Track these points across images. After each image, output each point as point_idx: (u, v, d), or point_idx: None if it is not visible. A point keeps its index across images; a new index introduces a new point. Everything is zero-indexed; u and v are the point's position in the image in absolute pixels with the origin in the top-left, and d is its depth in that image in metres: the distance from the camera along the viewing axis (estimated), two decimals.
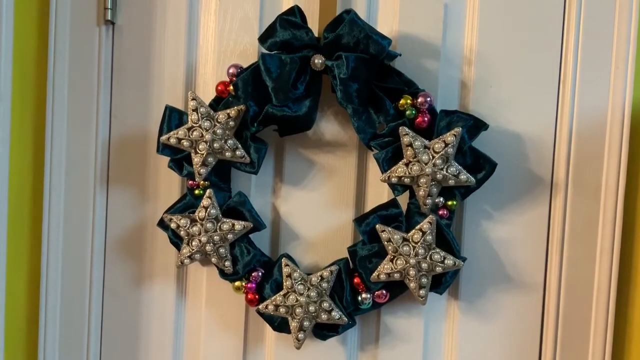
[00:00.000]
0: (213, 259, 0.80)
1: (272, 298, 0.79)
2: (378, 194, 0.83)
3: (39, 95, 0.87)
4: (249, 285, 0.81)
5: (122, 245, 0.89)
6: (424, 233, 0.76)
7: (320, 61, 0.76)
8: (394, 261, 0.77)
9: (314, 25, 0.81)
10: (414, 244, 0.76)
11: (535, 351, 0.83)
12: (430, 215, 0.76)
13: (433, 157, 0.75)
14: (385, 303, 0.80)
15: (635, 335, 0.81)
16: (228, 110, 0.78)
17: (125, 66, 0.87)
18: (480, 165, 0.77)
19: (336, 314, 0.78)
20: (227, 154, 0.78)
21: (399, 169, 0.76)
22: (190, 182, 0.81)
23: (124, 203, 0.88)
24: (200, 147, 0.77)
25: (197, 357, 0.89)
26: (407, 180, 0.76)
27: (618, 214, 0.80)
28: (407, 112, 0.77)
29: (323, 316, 0.78)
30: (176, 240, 0.82)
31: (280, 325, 0.81)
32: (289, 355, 0.86)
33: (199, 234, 0.79)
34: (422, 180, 0.75)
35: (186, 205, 0.82)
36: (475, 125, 0.77)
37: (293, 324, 0.79)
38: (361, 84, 0.76)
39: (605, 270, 0.80)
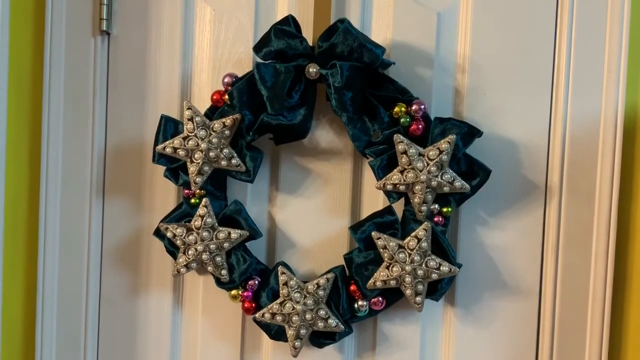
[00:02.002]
0: (209, 268, 0.80)
1: (269, 306, 0.79)
2: (373, 201, 0.84)
3: (35, 105, 0.88)
4: (245, 293, 0.81)
5: (119, 255, 0.89)
6: (419, 240, 0.76)
7: (314, 70, 0.76)
8: (390, 268, 0.77)
9: (309, 34, 0.82)
10: (409, 251, 0.76)
11: (531, 357, 0.84)
12: (426, 222, 0.77)
13: (428, 164, 0.75)
14: (381, 310, 0.81)
15: (631, 340, 0.82)
16: (223, 119, 0.78)
17: (120, 76, 0.87)
18: (475, 172, 0.78)
19: (333, 321, 0.78)
20: (222, 162, 0.78)
21: (394, 177, 0.76)
22: (186, 191, 0.82)
23: (120, 212, 0.88)
24: (196, 156, 0.78)
25: None
26: (402, 188, 0.76)
27: (612, 219, 0.80)
28: (402, 120, 0.77)
29: (320, 324, 0.78)
30: (172, 249, 0.82)
31: (277, 333, 0.81)
32: None
33: (195, 242, 0.79)
34: (417, 187, 0.76)
35: (182, 214, 0.82)
36: (469, 132, 0.77)
37: (290, 332, 0.79)
38: (356, 93, 0.76)
39: (600, 275, 0.81)
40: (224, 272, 0.80)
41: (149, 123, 0.86)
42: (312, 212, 0.85)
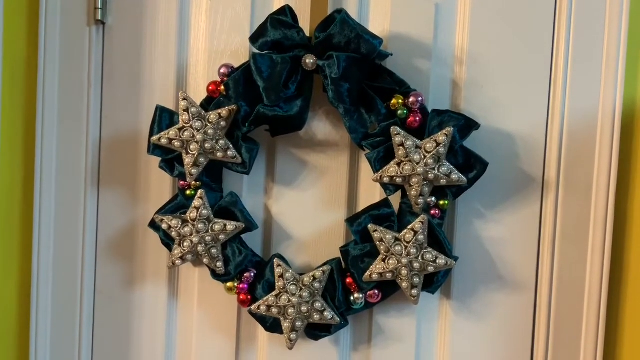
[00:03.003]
0: (205, 260, 0.80)
1: (265, 298, 0.79)
2: (370, 193, 0.83)
3: (29, 95, 0.87)
4: (241, 285, 0.81)
5: (114, 247, 0.88)
6: (415, 233, 0.76)
7: (311, 61, 0.76)
8: (386, 261, 0.77)
9: (305, 24, 0.81)
10: (406, 244, 0.76)
11: (527, 349, 0.84)
12: (422, 215, 0.76)
13: (425, 156, 0.75)
14: (377, 303, 0.80)
15: (627, 334, 0.82)
16: (219, 111, 0.77)
17: (115, 66, 0.86)
18: (472, 165, 0.78)
19: (328, 314, 0.78)
20: (218, 154, 0.78)
21: (391, 169, 0.76)
22: (181, 182, 0.81)
23: (115, 204, 0.88)
24: (191, 147, 0.77)
25: (189, 358, 0.89)
26: (399, 180, 0.76)
27: (609, 213, 0.80)
28: (399, 112, 0.77)
29: (315, 316, 0.78)
30: (168, 241, 0.82)
31: (272, 325, 0.81)
32: (282, 355, 0.86)
33: (191, 234, 0.79)
34: (413, 179, 0.75)
35: (177, 205, 0.82)
36: (467, 125, 0.77)
37: (285, 325, 0.79)
38: (353, 84, 0.76)
39: (596, 269, 0.81)
40: (219, 264, 0.80)
41: (144, 114, 0.86)
42: (309, 205, 0.85)
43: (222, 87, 0.78)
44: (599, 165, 0.80)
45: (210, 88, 0.79)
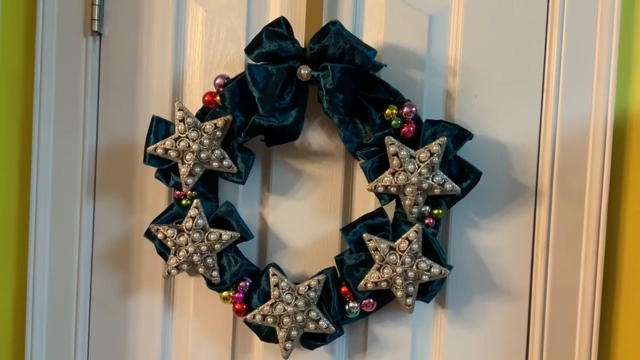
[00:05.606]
0: (200, 269, 0.80)
1: (260, 308, 0.79)
2: (365, 203, 0.84)
3: (26, 105, 0.87)
4: (236, 295, 0.81)
5: (109, 256, 0.88)
6: (410, 242, 0.76)
7: (306, 72, 0.76)
8: (381, 270, 0.77)
9: (300, 36, 0.82)
10: (400, 253, 0.76)
11: (521, 357, 0.84)
12: (417, 224, 0.77)
13: (419, 166, 0.75)
14: (372, 312, 0.81)
15: (620, 340, 0.82)
16: (215, 121, 0.78)
17: (112, 77, 0.87)
18: (466, 174, 0.78)
19: (324, 323, 0.78)
20: (214, 164, 0.78)
21: (385, 178, 0.76)
22: (177, 192, 0.82)
23: (111, 213, 0.88)
24: (187, 157, 0.78)
25: None
26: (393, 190, 0.76)
27: (602, 221, 0.80)
28: (393, 122, 0.77)
29: (311, 325, 0.78)
30: (163, 250, 0.82)
31: (267, 335, 0.81)
32: None
33: (186, 244, 0.79)
34: (408, 189, 0.76)
35: (173, 215, 0.82)
36: (460, 135, 0.77)
37: (281, 334, 0.79)
38: (347, 94, 0.76)
39: (589, 276, 0.81)
40: (215, 273, 0.80)
41: (140, 124, 0.86)
42: (304, 214, 0.85)
43: (218, 98, 0.79)
44: (592, 174, 0.81)
45: (206, 98, 0.80)
